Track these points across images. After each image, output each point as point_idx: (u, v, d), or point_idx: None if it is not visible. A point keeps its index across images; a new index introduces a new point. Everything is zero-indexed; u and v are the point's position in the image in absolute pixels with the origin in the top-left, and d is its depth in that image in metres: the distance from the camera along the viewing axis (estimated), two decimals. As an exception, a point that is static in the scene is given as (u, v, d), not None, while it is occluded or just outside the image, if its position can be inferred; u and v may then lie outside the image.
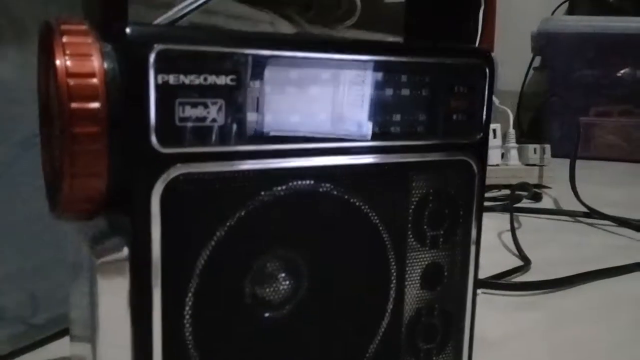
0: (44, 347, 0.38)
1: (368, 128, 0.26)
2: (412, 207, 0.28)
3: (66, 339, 0.39)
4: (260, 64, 0.23)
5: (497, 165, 0.96)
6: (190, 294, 0.23)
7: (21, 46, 0.36)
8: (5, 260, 0.36)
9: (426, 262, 0.29)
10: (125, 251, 0.22)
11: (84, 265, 0.24)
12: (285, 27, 0.59)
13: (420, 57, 0.27)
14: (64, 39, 0.21)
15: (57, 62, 0.21)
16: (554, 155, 0.98)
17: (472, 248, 0.30)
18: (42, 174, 0.26)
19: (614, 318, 0.45)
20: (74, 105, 0.21)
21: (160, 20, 0.27)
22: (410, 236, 0.28)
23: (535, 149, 0.97)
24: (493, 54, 0.29)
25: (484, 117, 0.29)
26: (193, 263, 0.23)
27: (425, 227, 0.29)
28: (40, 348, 0.38)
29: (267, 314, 0.26)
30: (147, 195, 0.22)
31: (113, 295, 0.23)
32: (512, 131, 0.99)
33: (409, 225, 0.28)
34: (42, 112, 0.25)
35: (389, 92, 0.26)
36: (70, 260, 0.27)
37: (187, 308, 0.24)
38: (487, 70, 0.28)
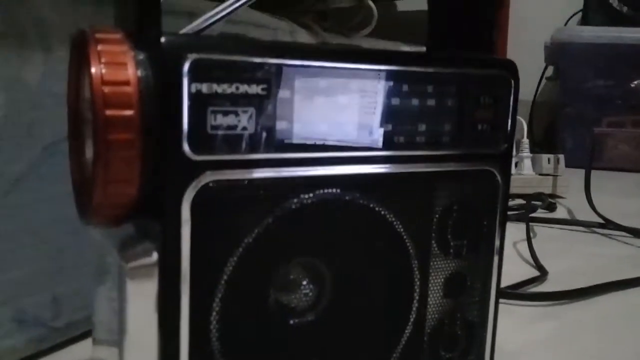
0: (64, 350, 0.39)
1: (394, 138, 0.26)
2: (436, 216, 0.28)
3: (87, 342, 0.39)
4: (290, 74, 0.24)
5: (511, 174, 0.95)
6: (217, 300, 0.24)
7: (46, 50, 0.37)
8: (27, 263, 0.37)
9: (449, 272, 0.29)
10: (155, 256, 0.23)
11: (111, 270, 0.24)
12: (303, 36, 0.60)
13: (446, 67, 0.27)
14: (99, 47, 0.22)
15: (93, 69, 0.21)
16: (567, 165, 0.97)
17: (495, 258, 0.30)
18: (66, 179, 0.26)
19: (630, 330, 0.45)
20: (108, 112, 0.21)
21: (187, 29, 0.27)
22: (434, 245, 0.28)
23: (549, 159, 0.97)
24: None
25: (509, 127, 0.29)
26: (221, 269, 0.24)
27: (449, 236, 0.29)
28: (60, 351, 0.39)
29: (291, 321, 0.26)
30: (178, 202, 0.22)
31: (141, 300, 0.23)
32: (525, 141, 0.99)
33: (433, 235, 0.28)
34: (71, 118, 0.26)
35: (415, 102, 0.27)
36: (94, 265, 0.27)
37: (214, 314, 0.24)
38: (512, 81, 0.29)
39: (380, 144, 0.26)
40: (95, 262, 0.27)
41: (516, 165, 0.98)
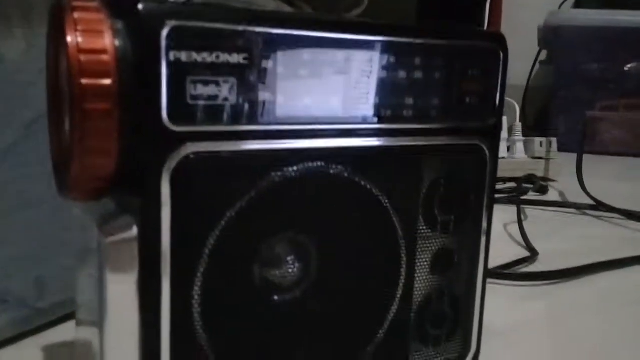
0: (48, 332, 0.38)
1: (380, 111, 0.26)
2: (424, 191, 0.28)
3: (71, 323, 0.39)
4: (273, 43, 0.23)
5: (503, 158, 0.95)
6: (199, 275, 0.23)
7: (29, 26, 0.36)
8: (10, 243, 0.36)
9: (436, 247, 0.29)
10: (135, 230, 0.22)
11: (92, 247, 0.24)
12: (292, 15, 0.59)
13: (434, 39, 0.27)
14: (76, 15, 0.21)
15: (69, 38, 0.21)
16: (559, 149, 0.97)
17: (483, 234, 0.30)
18: (48, 158, 0.26)
19: (620, 310, 0.45)
20: (84, 81, 0.21)
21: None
22: (421, 221, 0.28)
23: (541, 142, 0.97)
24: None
25: (497, 101, 0.29)
26: (203, 244, 0.23)
27: (436, 211, 0.28)
28: (44, 332, 0.38)
29: (276, 297, 0.26)
30: (158, 174, 0.22)
31: (121, 276, 0.22)
32: (518, 124, 0.98)
33: (420, 210, 0.28)
34: (50, 91, 0.25)
35: (402, 74, 0.26)
36: (78, 244, 0.27)
37: (196, 289, 0.23)
38: (501, 54, 0.28)
39: (366, 117, 0.26)
40: (78, 241, 0.27)
41: (509, 149, 0.98)
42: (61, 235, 0.37)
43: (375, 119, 0.26)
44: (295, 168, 0.24)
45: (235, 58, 0.22)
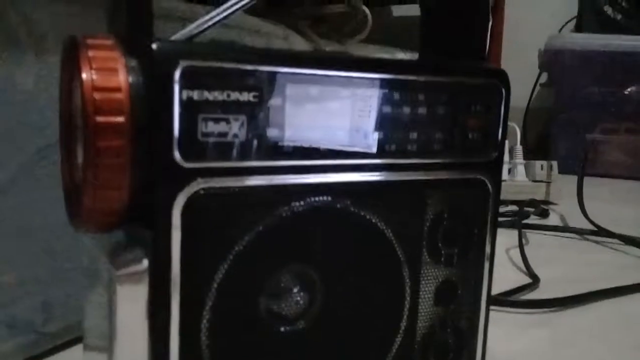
0: (55, 356, 0.39)
1: (385, 145, 0.26)
2: (427, 224, 0.28)
3: (78, 347, 0.39)
4: (281, 81, 0.24)
5: (504, 181, 0.96)
6: (207, 307, 0.24)
7: (40, 55, 0.37)
8: (17, 267, 0.36)
9: (440, 279, 0.29)
10: (145, 263, 0.23)
11: (102, 275, 0.24)
12: (298, 42, 0.60)
13: (438, 76, 0.27)
14: (90, 53, 0.22)
15: (84, 75, 0.21)
16: (560, 172, 0.98)
17: (486, 266, 0.30)
18: (58, 184, 0.26)
19: (622, 337, 0.45)
20: (99, 119, 0.21)
21: (179, 35, 0.27)
22: (425, 253, 0.28)
23: (542, 165, 0.97)
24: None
25: (500, 136, 0.29)
26: (211, 277, 0.24)
27: (439, 244, 0.29)
28: (51, 357, 0.38)
29: (282, 329, 0.26)
30: (169, 209, 0.22)
31: (131, 307, 0.23)
32: (519, 147, 0.99)
33: (424, 243, 0.28)
34: (63, 124, 0.26)
35: (407, 110, 0.27)
36: (86, 269, 0.27)
37: (204, 321, 0.24)
38: (503, 90, 0.29)
39: (371, 152, 0.26)
40: (87, 266, 0.27)
41: (509, 172, 0.98)
42: (69, 259, 0.38)
43: (381, 154, 0.26)
44: (302, 202, 0.25)
45: (246, 96, 0.23)
